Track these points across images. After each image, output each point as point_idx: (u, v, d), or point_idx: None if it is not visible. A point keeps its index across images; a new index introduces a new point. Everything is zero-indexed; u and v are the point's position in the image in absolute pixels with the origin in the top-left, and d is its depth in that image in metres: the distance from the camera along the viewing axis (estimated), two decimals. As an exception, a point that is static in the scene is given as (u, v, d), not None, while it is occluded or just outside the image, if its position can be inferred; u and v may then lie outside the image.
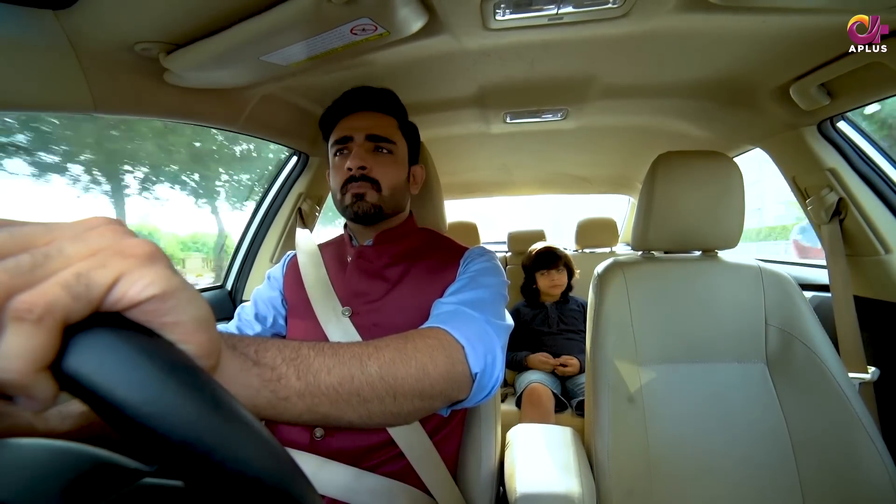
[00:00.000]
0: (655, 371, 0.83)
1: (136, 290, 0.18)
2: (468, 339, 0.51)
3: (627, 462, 0.77)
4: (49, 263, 0.17)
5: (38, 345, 0.16)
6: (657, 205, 0.87)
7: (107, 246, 0.18)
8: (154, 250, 0.19)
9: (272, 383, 0.31)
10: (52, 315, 0.16)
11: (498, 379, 0.54)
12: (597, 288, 0.90)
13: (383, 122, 0.75)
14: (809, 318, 0.81)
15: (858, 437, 0.73)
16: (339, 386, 0.36)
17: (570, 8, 0.66)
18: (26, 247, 0.17)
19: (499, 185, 2.25)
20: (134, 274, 0.18)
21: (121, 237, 0.19)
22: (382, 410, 0.40)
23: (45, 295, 0.16)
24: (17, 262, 0.16)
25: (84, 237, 0.18)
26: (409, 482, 0.65)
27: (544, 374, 1.51)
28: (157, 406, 0.16)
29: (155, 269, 0.19)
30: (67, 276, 0.17)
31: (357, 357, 0.39)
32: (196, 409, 0.16)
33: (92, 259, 0.18)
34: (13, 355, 0.16)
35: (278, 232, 1.35)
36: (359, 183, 0.71)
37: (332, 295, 0.72)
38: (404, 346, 0.44)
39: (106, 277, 0.17)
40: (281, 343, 0.34)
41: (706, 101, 1.07)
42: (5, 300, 0.16)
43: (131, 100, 0.73)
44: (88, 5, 0.55)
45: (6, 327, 0.16)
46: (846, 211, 0.99)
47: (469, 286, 0.63)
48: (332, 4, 0.56)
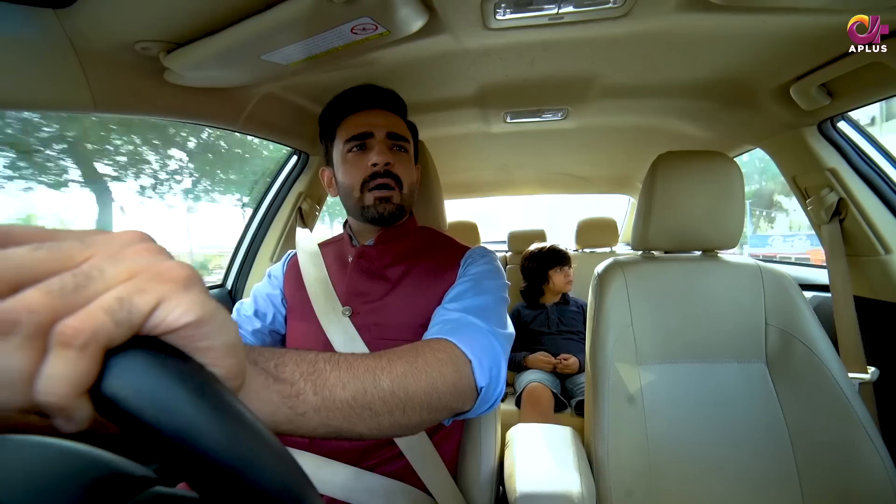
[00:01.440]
0: (655, 371, 0.83)
1: (175, 317, 0.18)
2: (475, 353, 0.51)
3: (627, 462, 0.77)
4: (91, 285, 0.17)
5: (82, 371, 0.16)
6: (657, 204, 0.87)
7: (145, 268, 0.19)
8: (191, 274, 0.20)
9: (290, 399, 0.32)
10: (96, 342, 0.16)
11: (501, 391, 0.55)
12: (597, 288, 0.90)
13: (398, 121, 0.76)
14: (809, 318, 0.81)
15: (858, 437, 0.73)
16: (353, 400, 0.36)
17: (570, 7, 0.66)
18: (66, 265, 0.17)
19: (499, 185, 2.25)
20: (172, 300, 0.18)
21: (157, 258, 0.19)
22: (391, 423, 0.40)
23: (91, 321, 0.16)
24: (62, 283, 0.17)
25: (122, 256, 0.18)
26: (409, 481, 0.65)
27: (544, 374, 1.51)
28: (192, 431, 0.16)
29: (191, 294, 0.19)
30: (111, 301, 0.17)
31: (371, 371, 0.39)
32: (228, 434, 0.17)
33: (132, 283, 0.18)
34: (56, 380, 0.16)
35: (278, 231, 1.35)
36: (383, 180, 0.70)
37: (332, 295, 0.72)
38: (415, 360, 0.44)
39: (147, 303, 0.18)
40: (298, 356, 0.34)
41: (706, 100, 1.07)
42: (50, 324, 0.16)
43: (131, 99, 0.73)
44: (89, 4, 0.55)
45: (51, 351, 0.16)
46: (846, 211, 0.99)
47: (472, 291, 0.64)
48: (333, 4, 0.56)
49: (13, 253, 0.17)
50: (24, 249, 0.17)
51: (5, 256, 0.16)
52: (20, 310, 0.16)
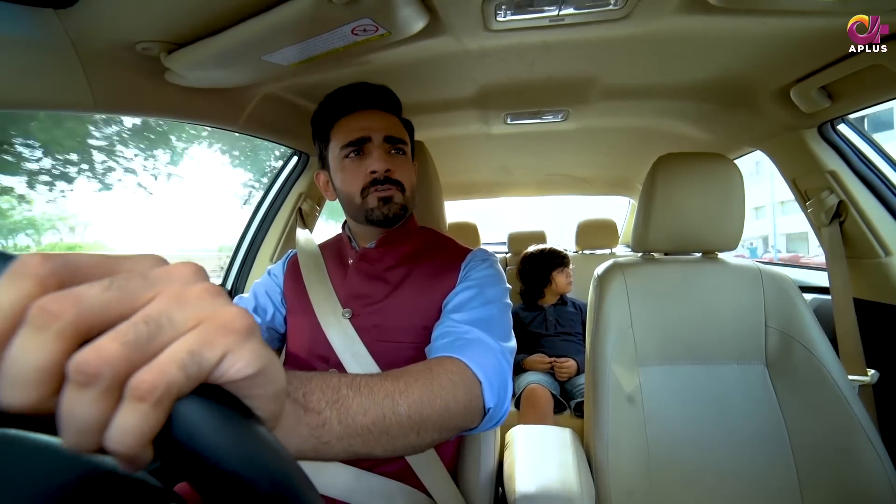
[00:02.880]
0: (655, 372, 0.83)
1: (237, 369, 0.19)
2: (486, 374, 0.52)
3: (627, 463, 0.77)
4: (162, 334, 0.18)
5: (153, 422, 0.17)
6: (657, 206, 0.87)
7: (209, 315, 0.19)
8: (251, 324, 0.20)
9: (317, 430, 0.33)
10: (169, 396, 0.17)
11: (506, 411, 0.56)
12: (597, 289, 0.90)
13: (394, 122, 0.74)
14: (809, 321, 0.81)
15: (857, 439, 0.73)
16: (373, 426, 0.37)
17: (571, 9, 0.66)
18: (134, 306, 0.18)
19: (499, 186, 2.25)
20: (236, 353, 0.19)
21: (218, 302, 0.20)
22: (406, 444, 0.41)
23: (165, 376, 0.17)
24: (136, 334, 0.17)
25: (186, 300, 0.19)
26: (409, 482, 0.65)
27: (543, 375, 1.51)
28: (245, 472, 0.18)
29: (252, 345, 0.20)
30: (182, 355, 0.18)
31: (390, 396, 0.40)
32: (279, 476, 0.19)
33: (201, 334, 0.19)
34: (129, 431, 0.16)
35: (278, 232, 1.35)
36: (385, 185, 0.69)
37: (332, 296, 0.72)
38: (430, 383, 0.45)
39: (215, 356, 0.19)
40: (323, 383, 0.35)
41: (707, 102, 1.07)
42: (126, 375, 0.17)
43: (132, 99, 0.73)
44: (90, 4, 0.55)
45: (124, 402, 0.17)
46: (846, 213, 0.99)
47: (478, 299, 0.64)
48: (334, 5, 0.56)
49: (86, 295, 0.17)
50: (96, 290, 0.17)
51: (80, 300, 0.17)
52: (100, 362, 0.16)
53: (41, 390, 0.16)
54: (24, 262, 0.17)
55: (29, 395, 0.16)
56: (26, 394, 0.16)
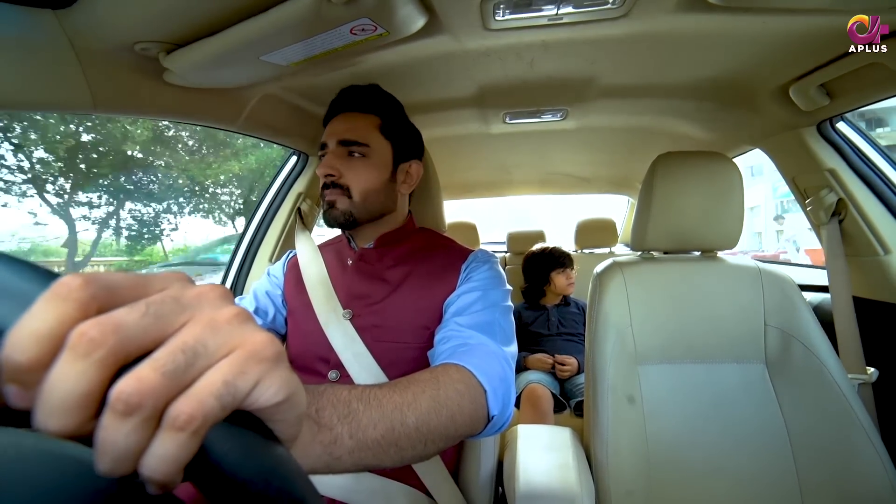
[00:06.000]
0: (654, 371, 0.83)
1: (267, 397, 0.20)
2: (491, 382, 0.52)
3: (626, 462, 0.77)
4: (198, 363, 0.18)
5: (189, 451, 0.17)
6: (656, 205, 0.88)
7: (240, 342, 0.20)
8: (279, 351, 0.21)
9: (330, 446, 0.34)
10: (206, 426, 0.17)
11: (509, 417, 0.56)
12: (596, 288, 0.90)
13: (359, 124, 0.72)
14: (809, 319, 0.81)
15: (857, 438, 0.73)
16: (382, 439, 0.38)
17: (569, 8, 0.66)
18: (169, 331, 0.18)
19: (498, 186, 2.25)
20: (266, 381, 0.20)
21: (247, 328, 0.20)
22: (413, 455, 0.42)
23: (203, 406, 0.17)
24: (175, 364, 0.17)
25: (218, 326, 0.19)
26: (409, 482, 0.65)
27: (543, 375, 1.51)
28: (272, 494, 0.19)
29: (280, 373, 0.20)
30: (218, 386, 0.18)
31: (398, 409, 0.41)
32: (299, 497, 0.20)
33: (233, 364, 0.19)
34: (165, 460, 0.17)
35: (277, 232, 1.35)
36: (329, 190, 0.71)
37: (333, 297, 0.72)
38: (437, 394, 0.45)
39: (248, 385, 0.19)
40: (333, 396, 0.36)
41: (706, 101, 1.07)
42: (165, 405, 0.17)
43: (131, 99, 0.73)
44: (88, 5, 0.55)
45: (162, 431, 0.17)
46: (845, 211, 0.99)
47: (480, 302, 0.64)
48: (332, 5, 0.56)
49: (126, 322, 0.17)
50: (135, 316, 0.18)
51: (119, 328, 0.17)
52: (143, 393, 0.16)
53: (81, 416, 0.16)
54: (66, 285, 0.17)
55: (69, 421, 0.16)
56: (67, 420, 0.16)
